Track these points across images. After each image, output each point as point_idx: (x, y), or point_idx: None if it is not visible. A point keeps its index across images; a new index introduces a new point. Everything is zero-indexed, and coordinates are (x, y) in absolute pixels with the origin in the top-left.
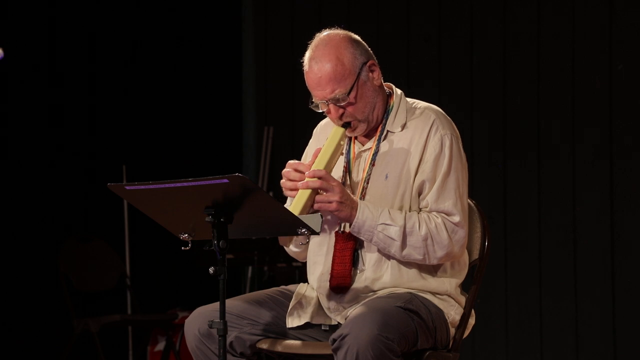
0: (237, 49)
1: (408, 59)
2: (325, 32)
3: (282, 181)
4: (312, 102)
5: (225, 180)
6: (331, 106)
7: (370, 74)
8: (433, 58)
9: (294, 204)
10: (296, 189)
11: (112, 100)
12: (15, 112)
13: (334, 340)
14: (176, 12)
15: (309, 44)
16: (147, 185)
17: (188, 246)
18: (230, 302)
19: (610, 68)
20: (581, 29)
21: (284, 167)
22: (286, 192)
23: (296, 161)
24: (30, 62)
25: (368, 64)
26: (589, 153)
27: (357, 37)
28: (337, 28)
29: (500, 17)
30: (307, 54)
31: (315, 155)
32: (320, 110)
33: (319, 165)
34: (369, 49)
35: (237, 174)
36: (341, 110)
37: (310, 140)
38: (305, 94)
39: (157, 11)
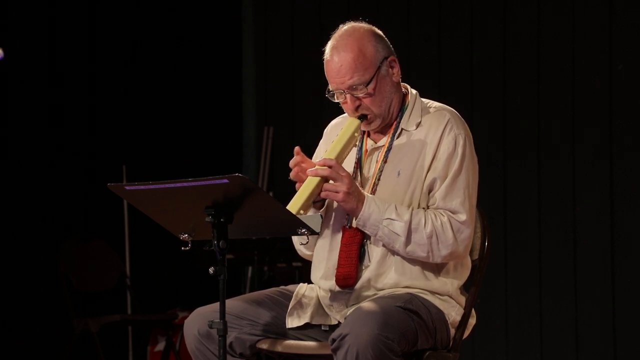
0: (237, 49)
1: (408, 59)
2: (349, 24)
3: (290, 162)
4: (329, 91)
5: (225, 180)
6: (348, 96)
7: (391, 69)
8: (433, 58)
9: (301, 190)
10: (303, 177)
11: (112, 100)
12: (15, 112)
13: (334, 340)
14: (176, 12)
15: (332, 34)
16: (147, 185)
17: (188, 246)
18: (229, 303)
19: (610, 68)
20: (581, 29)
21: (284, 167)
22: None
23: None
24: (30, 62)
25: (389, 59)
26: (589, 153)
27: (380, 32)
28: (361, 21)
29: (500, 17)
30: (330, 44)
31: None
32: (336, 100)
33: (331, 154)
34: (391, 45)
35: (237, 174)
36: (357, 102)
37: (321, 141)
38: (305, 95)
39: (157, 11)
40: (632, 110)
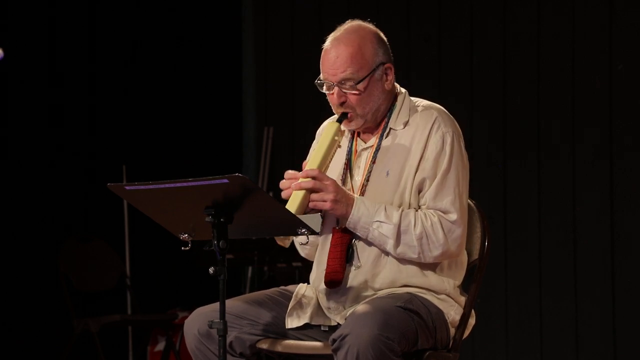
0: (237, 49)
1: (408, 59)
2: (357, 21)
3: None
4: (319, 80)
5: (225, 180)
6: (336, 89)
7: (385, 75)
8: (433, 58)
9: (288, 206)
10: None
11: (112, 100)
12: (15, 112)
13: (334, 340)
14: (176, 12)
15: (338, 25)
16: (147, 185)
17: (188, 246)
18: (229, 303)
19: (610, 68)
20: (581, 29)
21: (284, 167)
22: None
23: (292, 171)
24: (30, 62)
25: (386, 65)
26: (589, 153)
27: (384, 37)
28: (369, 22)
29: (500, 17)
30: (332, 34)
31: None
32: (324, 90)
33: (313, 164)
34: (391, 53)
35: (237, 174)
36: (343, 98)
37: (313, 143)
38: (305, 95)
39: (157, 11)
40: (632, 110)
